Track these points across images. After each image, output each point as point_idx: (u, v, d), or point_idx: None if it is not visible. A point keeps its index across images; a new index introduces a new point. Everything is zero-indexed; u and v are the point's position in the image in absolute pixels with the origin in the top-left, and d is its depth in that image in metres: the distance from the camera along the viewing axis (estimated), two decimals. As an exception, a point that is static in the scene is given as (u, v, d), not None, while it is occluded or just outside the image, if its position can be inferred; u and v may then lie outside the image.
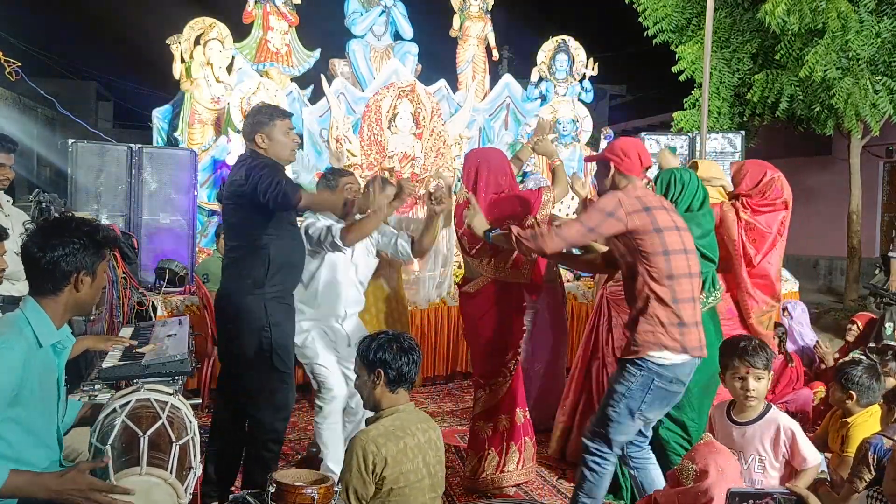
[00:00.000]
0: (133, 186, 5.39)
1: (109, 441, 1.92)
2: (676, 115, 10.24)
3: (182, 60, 6.49)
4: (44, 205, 4.07)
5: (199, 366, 4.35)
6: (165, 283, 5.05)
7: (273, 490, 2.08)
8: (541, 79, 8.07)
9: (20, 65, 6.18)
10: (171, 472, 1.92)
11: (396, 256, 3.77)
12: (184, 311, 4.86)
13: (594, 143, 8.73)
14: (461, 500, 3.57)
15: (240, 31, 6.89)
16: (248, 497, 2.18)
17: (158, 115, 6.73)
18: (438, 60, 8.16)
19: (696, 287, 2.81)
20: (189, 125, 6.41)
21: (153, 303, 4.61)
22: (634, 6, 9.93)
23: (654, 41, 9.95)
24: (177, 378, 2.71)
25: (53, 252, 2.01)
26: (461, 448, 4.20)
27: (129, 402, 2.03)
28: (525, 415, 3.71)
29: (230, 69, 6.57)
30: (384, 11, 7.23)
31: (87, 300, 2.11)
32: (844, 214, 10.13)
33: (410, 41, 7.39)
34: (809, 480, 2.71)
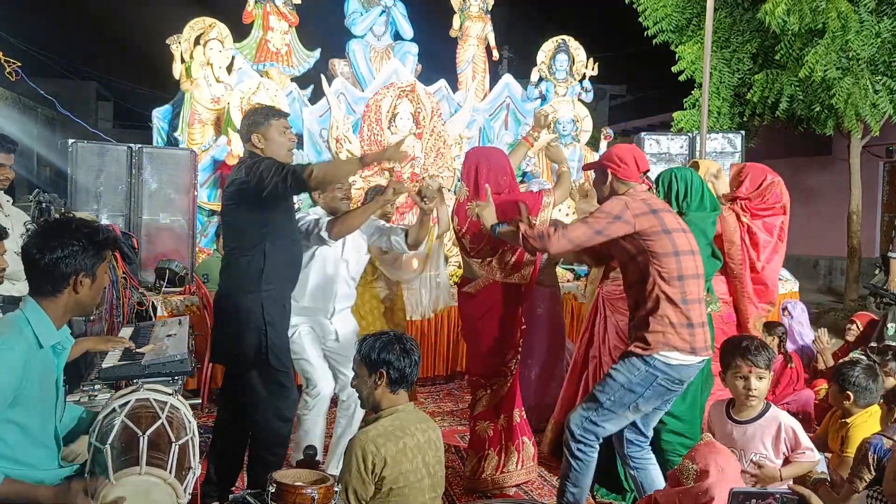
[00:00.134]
0: (133, 186, 5.39)
1: (109, 441, 1.92)
2: (676, 115, 10.24)
3: (182, 60, 6.48)
4: (44, 205, 4.07)
5: (199, 366, 4.35)
6: (165, 283, 5.05)
7: (273, 490, 2.08)
8: (541, 79, 8.07)
9: (20, 65, 6.18)
10: (171, 472, 1.92)
11: (391, 249, 3.79)
12: (184, 311, 4.86)
13: (594, 143, 8.73)
14: (461, 500, 3.56)
15: (240, 31, 6.89)
16: (249, 497, 2.18)
17: (158, 115, 6.73)
18: (438, 60, 8.15)
19: (703, 288, 2.84)
20: (189, 125, 6.41)
21: (153, 303, 4.61)
22: (634, 6, 9.94)
23: (654, 41, 9.96)
24: (176, 378, 2.71)
25: (52, 253, 2.01)
26: (461, 448, 4.20)
27: (129, 402, 2.03)
28: (521, 415, 3.72)
29: (230, 69, 6.56)
30: (384, 11, 7.23)
31: (87, 301, 2.11)
32: (844, 214, 10.14)
33: (410, 41, 7.39)
34: (800, 471, 2.71)
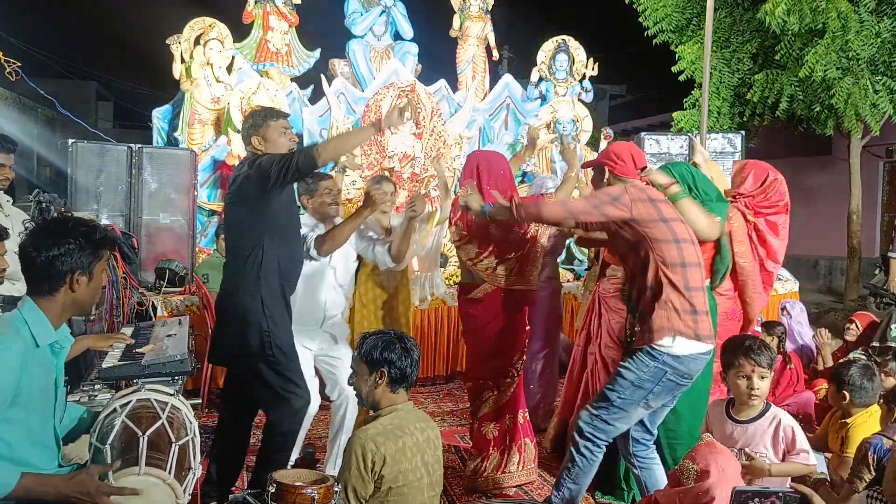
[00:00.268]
0: (133, 186, 5.39)
1: (109, 441, 1.92)
2: (676, 115, 10.24)
3: (182, 60, 6.49)
4: (44, 205, 4.07)
5: (199, 366, 4.35)
6: (165, 283, 5.05)
7: (273, 490, 2.08)
8: (541, 79, 8.07)
9: (20, 65, 6.18)
10: (170, 473, 1.92)
11: (375, 261, 3.78)
12: (184, 311, 4.86)
13: (594, 143, 8.73)
14: (461, 500, 3.56)
15: (240, 31, 6.89)
16: (249, 497, 2.17)
17: (158, 115, 6.73)
18: (438, 60, 8.16)
19: (704, 277, 2.85)
20: (189, 125, 6.41)
21: (153, 303, 4.60)
22: (634, 6, 9.94)
23: (654, 41, 9.96)
24: (177, 378, 2.71)
25: (48, 252, 2.00)
26: (461, 448, 4.20)
27: (130, 402, 2.03)
28: (525, 415, 3.72)
29: (230, 69, 6.57)
30: (384, 11, 7.23)
31: (85, 300, 2.11)
32: (844, 214, 10.14)
33: (410, 41, 7.39)
34: (792, 471, 2.71)
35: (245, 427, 3.22)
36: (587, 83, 8.11)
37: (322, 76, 6.94)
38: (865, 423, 3.08)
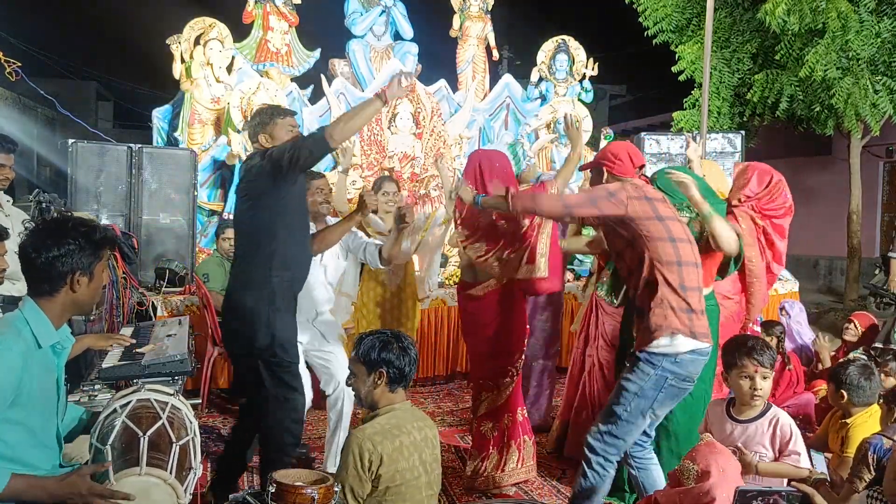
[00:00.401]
0: (133, 186, 5.39)
1: (109, 441, 1.92)
2: (676, 115, 10.25)
3: (182, 60, 6.49)
4: (44, 205, 4.07)
5: (199, 366, 4.35)
6: (165, 283, 5.05)
7: (273, 490, 2.08)
8: (541, 79, 8.07)
9: (20, 65, 6.19)
10: (171, 473, 1.92)
11: (365, 262, 3.79)
12: (184, 311, 4.86)
13: (594, 143, 8.73)
14: (461, 500, 3.56)
15: (240, 31, 6.89)
16: (248, 497, 2.17)
17: (158, 115, 6.73)
18: (438, 60, 8.16)
19: (701, 277, 2.84)
20: (189, 125, 6.41)
21: (153, 303, 4.61)
22: (634, 6, 9.94)
23: (654, 41, 9.96)
24: (177, 378, 2.71)
25: (49, 252, 2.00)
26: (461, 448, 4.20)
27: (130, 403, 2.03)
28: (523, 413, 3.73)
29: (230, 69, 6.57)
30: (384, 11, 7.23)
31: (86, 300, 2.11)
32: (844, 214, 10.14)
33: (410, 41, 7.39)
34: (781, 471, 2.70)
35: (247, 426, 3.21)
36: (587, 83, 8.11)
37: (322, 76, 6.94)
38: (865, 423, 3.08)
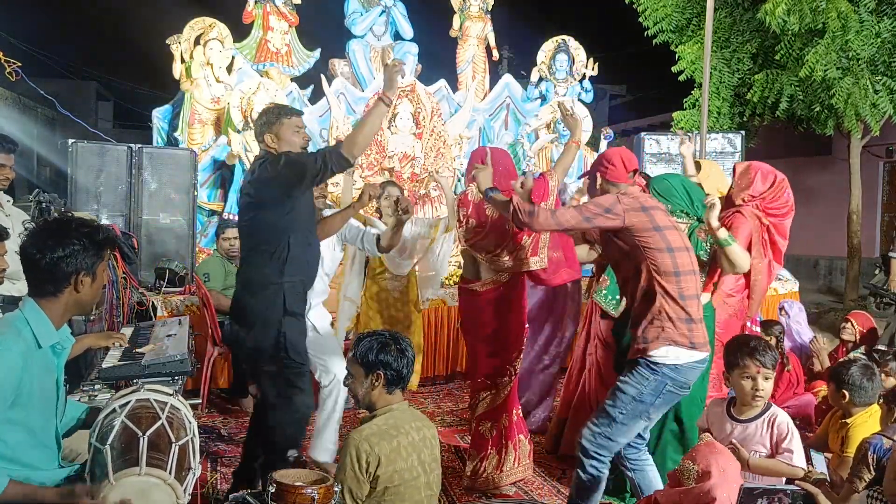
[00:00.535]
0: (133, 186, 5.39)
1: (109, 441, 1.92)
2: (676, 115, 10.24)
3: (182, 60, 6.49)
4: (44, 205, 4.07)
5: (199, 366, 4.35)
6: (165, 283, 5.05)
7: (273, 490, 2.08)
8: (541, 79, 8.07)
9: (20, 65, 6.19)
10: (171, 473, 1.92)
11: (363, 250, 3.85)
12: (184, 311, 4.87)
13: (594, 144, 8.73)
14: (461, 500, 3.56)
15: (240, 31, 6.89)
16: (248, 497, 2.18)
17: (158, 115, 6.73)
18: (438, 60, 8.16)
19: (700, 284, 2.85)
20: (189, 125, 6.41)
21: (153, 303, 4.61)
22: (634, 6, 9.93)
23: (654, 41, 9.95)
24: (176, 378, 2.71)
25: (53, 253, 2.00)
26: (461, 448, 4.20)
27: (129, 403, 2.03)
28: (518, 413, 3.73)
29: (230, 69, 6.57)
30: (384, 11, 7.23)
31: (88, 300, 2.11)
32: (844, 214, 10.13)
33: (410, 41, 7.39)
34: (773, 468, 2.70)
35: (258, 430, 3.18)
36: (587, 83, 8.11)
37: (322, 76, 6.94)
38: (865, 423, 3.08)
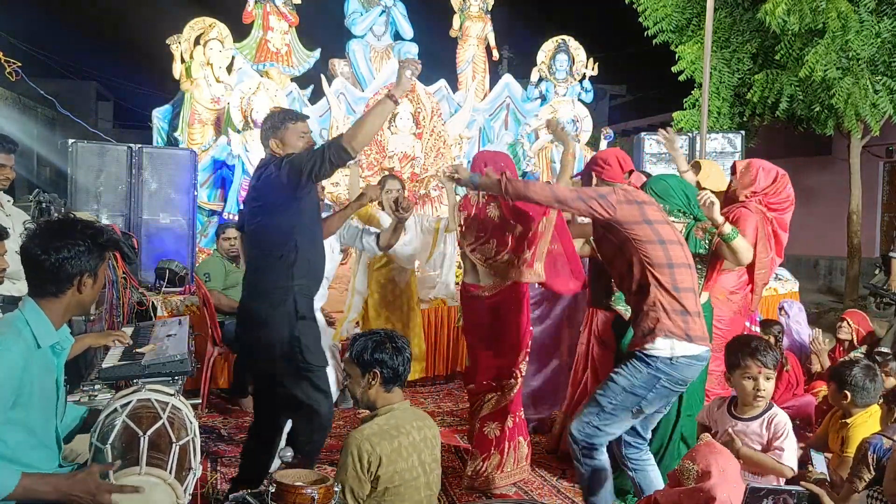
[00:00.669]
0: (133, 186, 5.39)
1: (109, 440, 1.92)
2: (676, 115, 10.24)
3: (182, 60, 6.49)
4: (44, 205, 4.07)
5: (199, 366, 4.35)
6: (165, 283, 5.05)
7: (273, 490, 2.08)
8: (541, 79, 8.08)
9: (20, 65, 6.18)
10: (171, 473, 1.92)
11: (363, 250, 3.87)
12: (184, 311, 4.87)
13: (594, 143, 8.74)
14: (461, 500, 3.56)
15: (240, 31, 6.90)
16: (248, 497, 2.17)
17: (158, 115, 6.74)
18: (438, 60, 8.17)
19: (695, 278, 2.84)
20: (189, 125, 6.42)
21: (153, 303, 4.61)
22: (634, 6, 9.94)
23: (654, 41, 9.95)
24: (177, 378, 2.71)
25: (58, 254, 2.00)
26: (461, 448, 4.20)
27: (130, 402, 2.03)
28: (520, 415, 3.73)
29: (230, 69, 6.57)
30: (384, 11, 7.24)
31: (88, 301, 2.11)
32: (844, 214, 10.13)
33: (410, 41, 7.40)
34: (764, 463, 2.70)
35: (274, 427, 3.15)
36: (587, 83, 8.12)
37: (322, 76, 6.95)
38: (865, 423, 3.08)
